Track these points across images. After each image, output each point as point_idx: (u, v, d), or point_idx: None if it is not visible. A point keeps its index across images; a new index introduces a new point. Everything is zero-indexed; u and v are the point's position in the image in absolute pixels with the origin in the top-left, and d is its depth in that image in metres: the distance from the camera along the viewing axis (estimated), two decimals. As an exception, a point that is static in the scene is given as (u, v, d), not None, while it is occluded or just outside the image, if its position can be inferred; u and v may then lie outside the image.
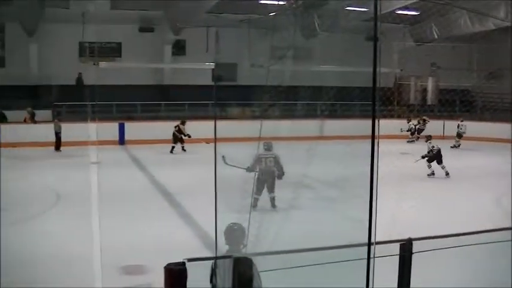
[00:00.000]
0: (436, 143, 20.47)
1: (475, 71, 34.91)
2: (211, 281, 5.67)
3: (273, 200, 14.60)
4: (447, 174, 20.04)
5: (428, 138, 21.23)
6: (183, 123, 26.06)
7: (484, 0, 27.13)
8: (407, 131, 30.72)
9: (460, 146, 28.56)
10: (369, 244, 4.40)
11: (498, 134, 28.33)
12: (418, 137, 29.60)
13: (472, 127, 28.91)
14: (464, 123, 28.98)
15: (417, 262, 5.81)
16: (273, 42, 8.23)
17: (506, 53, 26.84)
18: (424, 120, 30.59)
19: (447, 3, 27.18)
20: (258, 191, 14.33)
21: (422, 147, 21.33)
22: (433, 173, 20.25)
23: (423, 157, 20.27)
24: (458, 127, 29.09)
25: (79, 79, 31.43)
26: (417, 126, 30.61)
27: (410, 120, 31.17)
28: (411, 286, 5.84)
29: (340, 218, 12.43)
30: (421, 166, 19.94)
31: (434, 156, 20.14)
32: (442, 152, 20.24)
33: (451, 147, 27.57)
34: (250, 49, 29.99)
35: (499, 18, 26.74)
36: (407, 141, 30.19)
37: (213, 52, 30.38)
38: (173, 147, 25.90)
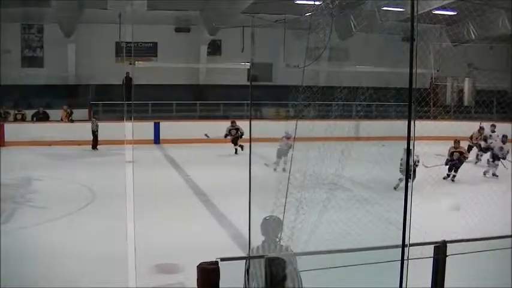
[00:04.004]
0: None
1: (513, 72, 34.38)
2: (247, 273, 5.64)
3: None
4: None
5: None
6: None
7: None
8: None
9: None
10: (403, 246, 4.37)
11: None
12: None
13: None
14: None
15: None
16: (308, 42, 8.17)
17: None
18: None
19: (485, 3, 26.82)
20: None
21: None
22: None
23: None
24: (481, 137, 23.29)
25: (127, 78, 31.27)
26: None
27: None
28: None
29: (375, 219, 12.36)
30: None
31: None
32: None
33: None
34: (285, 49, 29.95)
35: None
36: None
37: (249, 52, 30.34)
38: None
